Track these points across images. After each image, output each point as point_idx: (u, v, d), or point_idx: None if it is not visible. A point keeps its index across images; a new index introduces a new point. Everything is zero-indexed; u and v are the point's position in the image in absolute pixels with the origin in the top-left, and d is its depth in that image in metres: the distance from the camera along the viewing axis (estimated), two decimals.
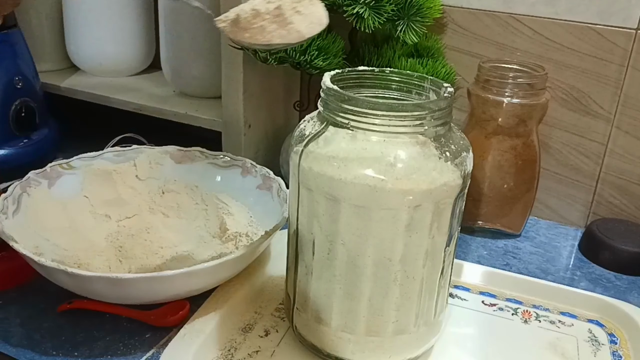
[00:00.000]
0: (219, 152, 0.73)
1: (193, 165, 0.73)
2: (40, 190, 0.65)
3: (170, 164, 0.73)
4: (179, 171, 0.72)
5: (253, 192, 0.69)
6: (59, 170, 0.68)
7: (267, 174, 0.69)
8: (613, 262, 0.70)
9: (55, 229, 0.63)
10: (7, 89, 0.77)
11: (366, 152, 0.44)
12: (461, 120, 0.75)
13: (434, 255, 0.48)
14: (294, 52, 0.67)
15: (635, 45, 0.70)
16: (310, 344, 0.53)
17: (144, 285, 0.52)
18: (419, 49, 0.76)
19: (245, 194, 0.70)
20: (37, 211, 0.63)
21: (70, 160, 0.69)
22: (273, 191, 0.67)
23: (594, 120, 0.75)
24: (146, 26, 0.95)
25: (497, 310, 0.62)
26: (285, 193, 0.64)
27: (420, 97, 0.50)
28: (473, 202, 0.73)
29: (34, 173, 0.65)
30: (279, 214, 0.62)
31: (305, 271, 0.50)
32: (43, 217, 0.63)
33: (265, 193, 0.68)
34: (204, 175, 0.72)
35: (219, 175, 0.72)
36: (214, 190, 0.71)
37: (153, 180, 0.71)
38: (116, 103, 0.88)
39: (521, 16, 0.74)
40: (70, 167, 0.69)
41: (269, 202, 0.67)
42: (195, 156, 0.73)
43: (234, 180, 0.71)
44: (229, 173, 0.71)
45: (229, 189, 0.70)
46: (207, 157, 0.73)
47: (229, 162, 0.72)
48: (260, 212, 0.67)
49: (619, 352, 0.56)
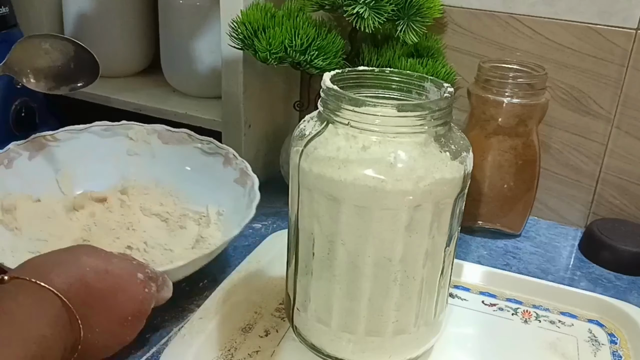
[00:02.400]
0: (205, 137, 0.72)
1: (178, 147, 0.72)
2: (20, 162, 0.64)
3: (157, 143, 0.72)
4: (163, 154, 0.72)
5: (229, 185, 0.68)
6: (42, 142, 0.66)
7: (245, 169, 0.68)
8: (613, 262, 0.70)
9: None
10: (7, 89, 0.77)
11: (366, 152, 0.44)
12: (461, 120, 0.75)
13: (434, 255, 0.48)
14: (294, 52, 0.67)
15: (635, 45, 0.70)
16: (310, 344, 0.53)
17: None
18: (419, 49, 0.76)
19: (221, 185, 0.69)
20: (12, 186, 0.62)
21: (55, 132, 0.67)
22: (246, 188, 0.66)
23: (594, 120, 0.75)
24: (146, 26, 0.95)
25: (497, 310, 0.62)
26: (255, 193, 0.63)
27: (420, 97, 0.50)
28: (473, 202, 0.73)
29: (15, 144, 0.64)
30: (242, 216, 0.61)
31: (305, 271, 0.50)
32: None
33: (239, 188, 0.67)
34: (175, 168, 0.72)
35: (188, 166, 0.72)
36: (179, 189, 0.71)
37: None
38: (116, 103, 0.88)
39: (521, 16, 0.74)
40: (55, 140, 0.67)
41: (240, 199, 0.66)
42: (183, 138, 0.72)
43: (215, 168, 0.70)
44: (211, 160, 0.71)
45: (206, 177, 0.70)
46: (194, 140, 0.72)
47: (213, 149, 0.71)
48: (230, 207, 0.67)
49: (619, 352, 0.56)
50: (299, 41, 0.67)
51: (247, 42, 0.69)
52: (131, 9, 0.92)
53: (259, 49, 0.67)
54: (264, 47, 0.67)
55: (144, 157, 0.72)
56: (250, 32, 0.68)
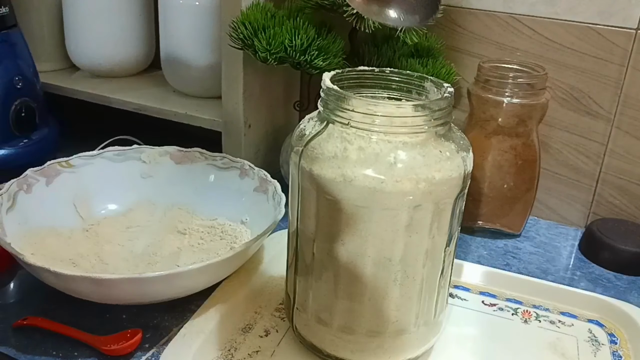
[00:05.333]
0: (218, 154, 0.73)
1: (192, 166, 0.73)
2: (38, 188, 0.65)
3: (169, 164, 0.73)
4: (178, 174, 0.73)
5: (250, 194, 0.69)
6: (58, 169, 0.68)
7: (264, 176, 0.69)
8: (613, 262, 0.70)
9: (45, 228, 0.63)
10: (7, 89, 0.77)
11: (366, 152, 0.44)
12: (461, 120, 0.75)
13: (434, 255, 0.48)
14: (294, 52, 0.67)
15: (635, 45, 0.70)
16: (310, 344, 0.53)
17: (126, 286, 0.51)
18: (419, 49, 0.76)
19: (242, 196, 0.70)
20: (31, 211, 0.63)
21: (69, 159, 0.69)
22: (269, 194, 0.67)
23: (594, 120, 0.75)
24: (146, 26, 0.95)
25: (497, 310, 0.62)
26: (280, 196, 0.64)
27: (420, 97, 0.50)
28: (473, 202, 0.73)
29: (32, 170, 0.65)
30: (272, 216, 0.61)
31: (305, 271, 0.50)
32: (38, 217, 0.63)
33: (261, 195, 0.68)
34: (197, 190, 0.72)
35: (212, 175, 0.72)
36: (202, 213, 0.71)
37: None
38: (116, 103, 0.88)
39: (521, 16, 0.74)
40: (70, 166, 0.69)
41: (263, 204, 0.67)
42: (195, 157, 0.73)
43: (232, 181, 0.71)
44: (227, 175, 0.72)
45: (225, 191, 0.71)
46: (207, 158, 0.73)
47: (227, 163, 0.72)
48: (255, 214, 0.67)
49: (619, 352, 0.57)
50: (299, 41, 0.67)
51: (247, 42, 0.69)
52: (131, 9, 0.92)
53: (259, 49, 0.67)
54: (264, 47, 0.67)
55: (158, 178, 0.73)
56: (250, 32, 0.68)
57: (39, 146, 0.82)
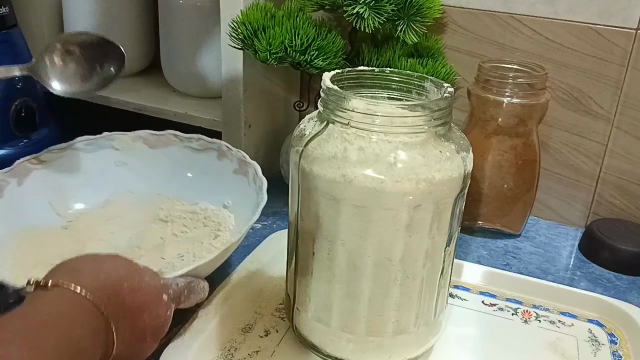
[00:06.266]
0: (193, 135, 0.70)
1: (167, 149, 0.70)
2: (9, 190, 0.62)
3: (144, 149, 0.70)
4: (154, 159, 0.70)
5: (230, 177, 0.67)
6: (28, 167, 0.64)
7: (242, 157, 0.66)
8: (613, 262, 0.70)
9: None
10: (7, 89, 0.77)
11: (366, 152, 0.44)
12: (461, 120, 0.75)
13: (434, 255, 0.48)
14: (294, 52, 0.67)
15: (635, 45, 0.70)
16: (310, 344, 0.53)
17: None
18: (419, 49, 0.76)
19: (222, 179, 0.68)
20: (5, 216, 0.60)
21: (39, 155, 0.66)
22: (249, 176, 0.65)
23: (594, 120, 0.75)
24: (146, 26, 0.95)
25: (497, 310, 0.62)
26: (261, 180, 0.62)
27: (420, 97, 0.50)
28: (473, 202, 0.73)
29: (1, 172, 0.62)
30: (255, 201, 0.59)
31: (305, 271, 0.50)
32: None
33: (241, 178, 0.66)
34: (172, 176, 0.70)
35: (189, 158, 0.70)
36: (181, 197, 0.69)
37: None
38: (116, 103, 0.88)
39: (521, 16, 0.74)
40: (40, 162, 0.66)
41: (245, 187, 0.65)
42: (170, 140, 0.70)
43: (211, 164, 0.69)
44: (204, 157, 0.69)
45: (204, 174, 0.69)
46: (182, 140, 0.70)
47: (204, 145, 0.69)
48: (237, 198, 0.65)
49: (619, 352, 0.56)
50: (299, 41, 0.67)
51: (247, 42, 0.69)
52: (131, 9, 0.92)
53: (259, 49, 0.67)
54: (264, 47, 0.67)
55: (133, 165, 0.70)
56: (250, 32, 0.68)
57: (39, 146, 0.81)
